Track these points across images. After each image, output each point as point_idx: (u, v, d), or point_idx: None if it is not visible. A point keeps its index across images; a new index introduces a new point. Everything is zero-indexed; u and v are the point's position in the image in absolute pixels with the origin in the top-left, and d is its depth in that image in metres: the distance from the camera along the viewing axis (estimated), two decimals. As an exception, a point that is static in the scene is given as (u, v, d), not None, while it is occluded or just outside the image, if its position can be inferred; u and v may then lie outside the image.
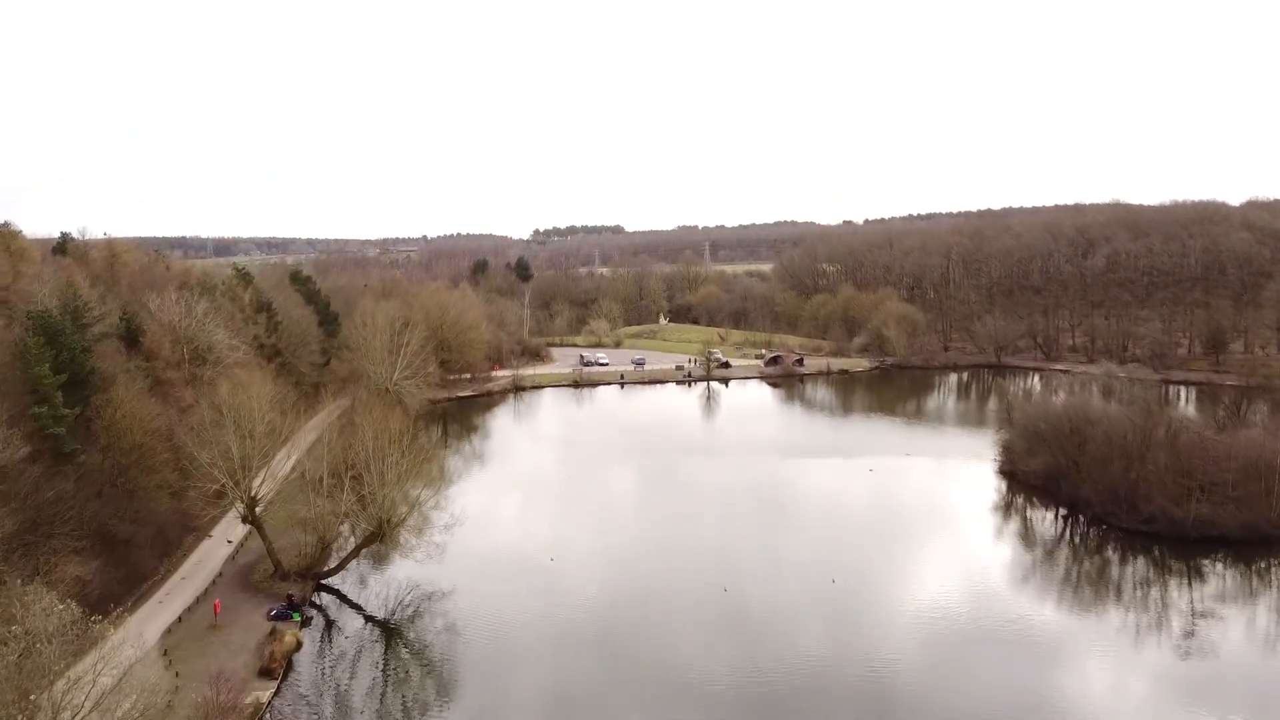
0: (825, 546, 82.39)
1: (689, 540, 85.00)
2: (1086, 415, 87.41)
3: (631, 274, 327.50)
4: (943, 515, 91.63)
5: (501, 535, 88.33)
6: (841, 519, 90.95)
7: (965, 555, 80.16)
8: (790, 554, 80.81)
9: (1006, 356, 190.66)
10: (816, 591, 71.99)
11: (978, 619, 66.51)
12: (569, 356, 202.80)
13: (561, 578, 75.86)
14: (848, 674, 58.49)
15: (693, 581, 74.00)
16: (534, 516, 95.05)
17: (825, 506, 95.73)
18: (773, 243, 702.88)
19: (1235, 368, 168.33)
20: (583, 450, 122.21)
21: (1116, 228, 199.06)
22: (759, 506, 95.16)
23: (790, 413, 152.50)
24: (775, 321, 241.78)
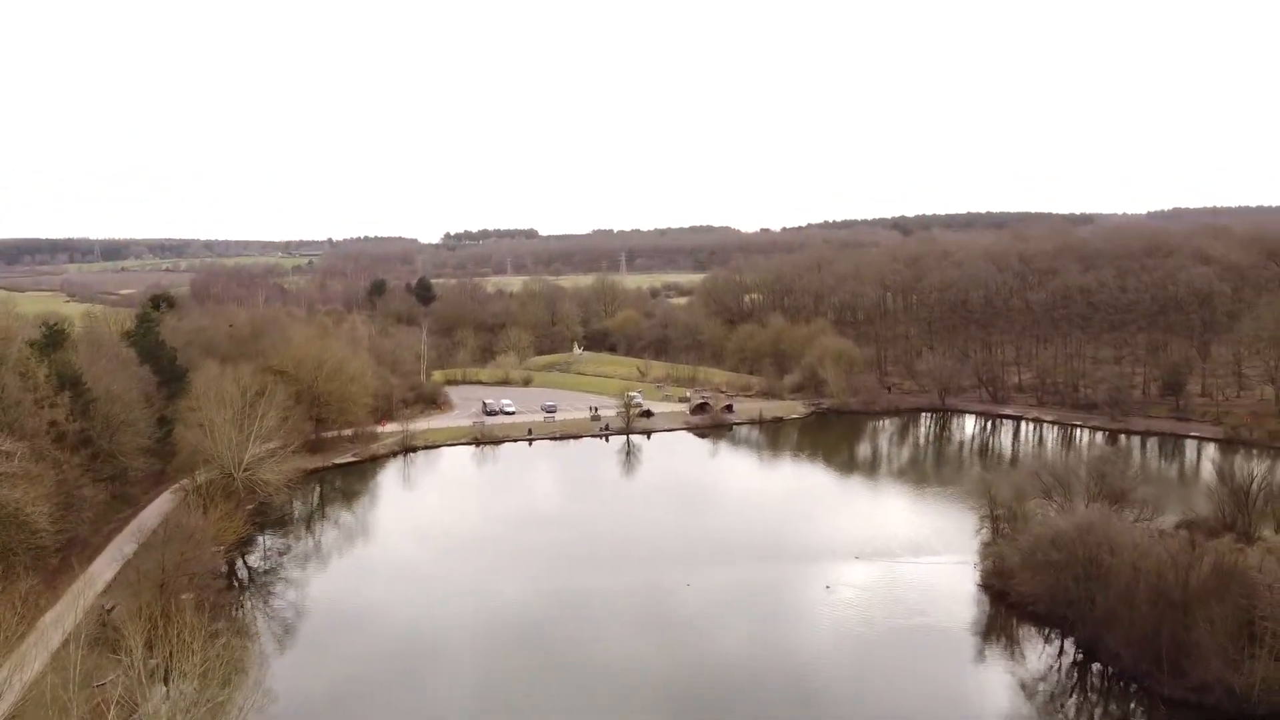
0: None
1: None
2: (1107, 541, 69.60)
3: (543, 291, 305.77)
4: (919, 673, 72.84)
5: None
6: (796, 673, 71.40)
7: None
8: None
9: (951, 398, 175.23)
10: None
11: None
12: (471, 400, 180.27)
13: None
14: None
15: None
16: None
17: (768, 660, 75.93)
18: (690, 250, 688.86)
19: (1197, 414, 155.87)
20: (457, 564, 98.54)
21: (1066, 258, 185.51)
22: (671, 692, 68.30)
23: (719, 481, 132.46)
24: (700, 352, 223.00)
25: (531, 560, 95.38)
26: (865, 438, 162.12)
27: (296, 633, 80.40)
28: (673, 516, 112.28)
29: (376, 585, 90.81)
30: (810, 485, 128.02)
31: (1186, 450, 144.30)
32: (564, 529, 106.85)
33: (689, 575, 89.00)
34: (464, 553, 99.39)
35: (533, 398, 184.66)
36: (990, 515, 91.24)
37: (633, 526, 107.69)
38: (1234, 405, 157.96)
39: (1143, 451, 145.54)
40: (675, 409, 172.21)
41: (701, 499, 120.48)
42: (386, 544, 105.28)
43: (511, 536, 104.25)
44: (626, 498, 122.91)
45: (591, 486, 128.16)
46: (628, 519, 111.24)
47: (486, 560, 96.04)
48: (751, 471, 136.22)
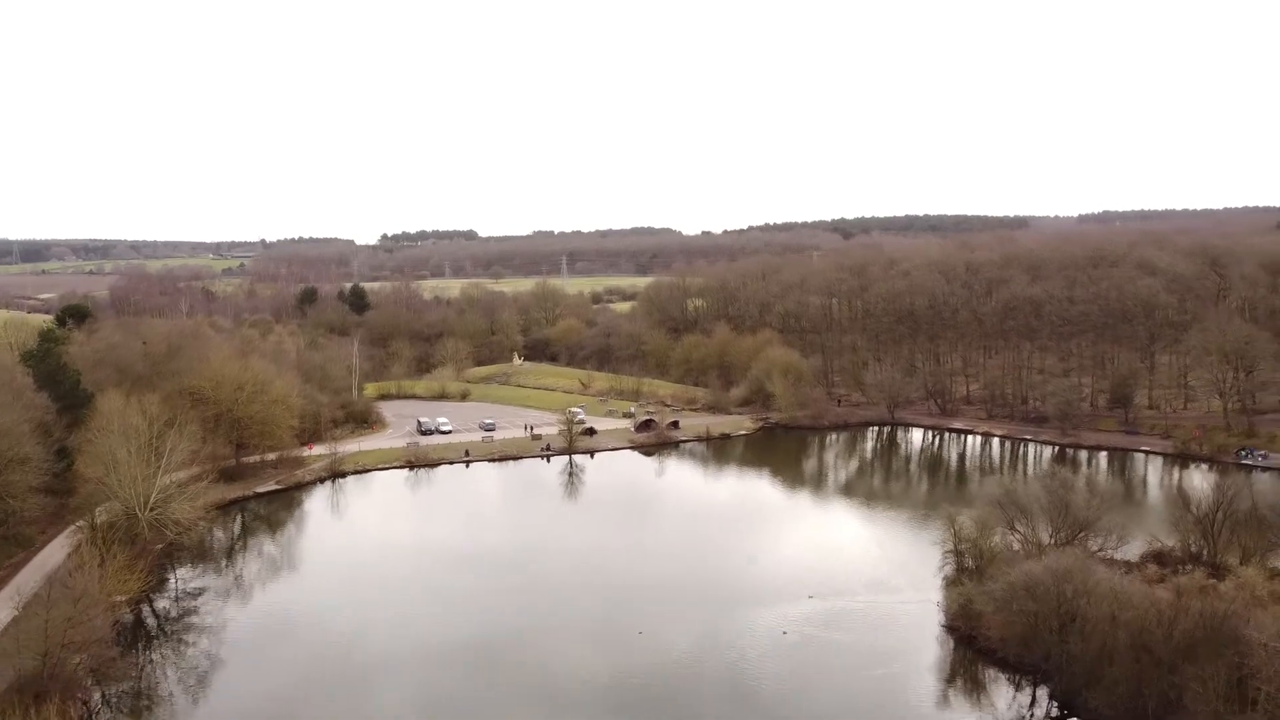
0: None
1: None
2: (1085, 590, 65.09)
3: (482, 298, 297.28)
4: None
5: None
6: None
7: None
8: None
9: (900, 410, 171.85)
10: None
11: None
12: (405, 417, 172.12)
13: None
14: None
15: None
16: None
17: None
18: (632, 253, 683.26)
19: (1146, 428, 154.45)
20: (387, 605, 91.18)
21: (1013, 268, 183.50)
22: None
23: (666, 506, 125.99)
24: (644, 363, 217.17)
25: (467, 603, 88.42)
26: (815, 455, 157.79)
27: (210, 686, 72.85)
28: (619, 549, 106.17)
29: (300, 630, 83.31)
30: (761, 511, 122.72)
31: (1139, 466, 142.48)
32: (502, 565, 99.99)
33: (638, 617, 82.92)
34: (396, 591, 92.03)
35: (470, 413, 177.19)
36: (954, 550, 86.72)
37: (577, 561, 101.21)
38: (1181, 418, 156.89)
39: (1091, 465, 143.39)
40: (619, 425, 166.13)
41: (648, 527, 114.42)
42: (311, 583, 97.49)
43: (446, 575, 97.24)
44: (570, 527, 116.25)
45: (532, 514, 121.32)
46: (572, 553, 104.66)
47: (419, 603, 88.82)
48: (700, 495, 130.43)
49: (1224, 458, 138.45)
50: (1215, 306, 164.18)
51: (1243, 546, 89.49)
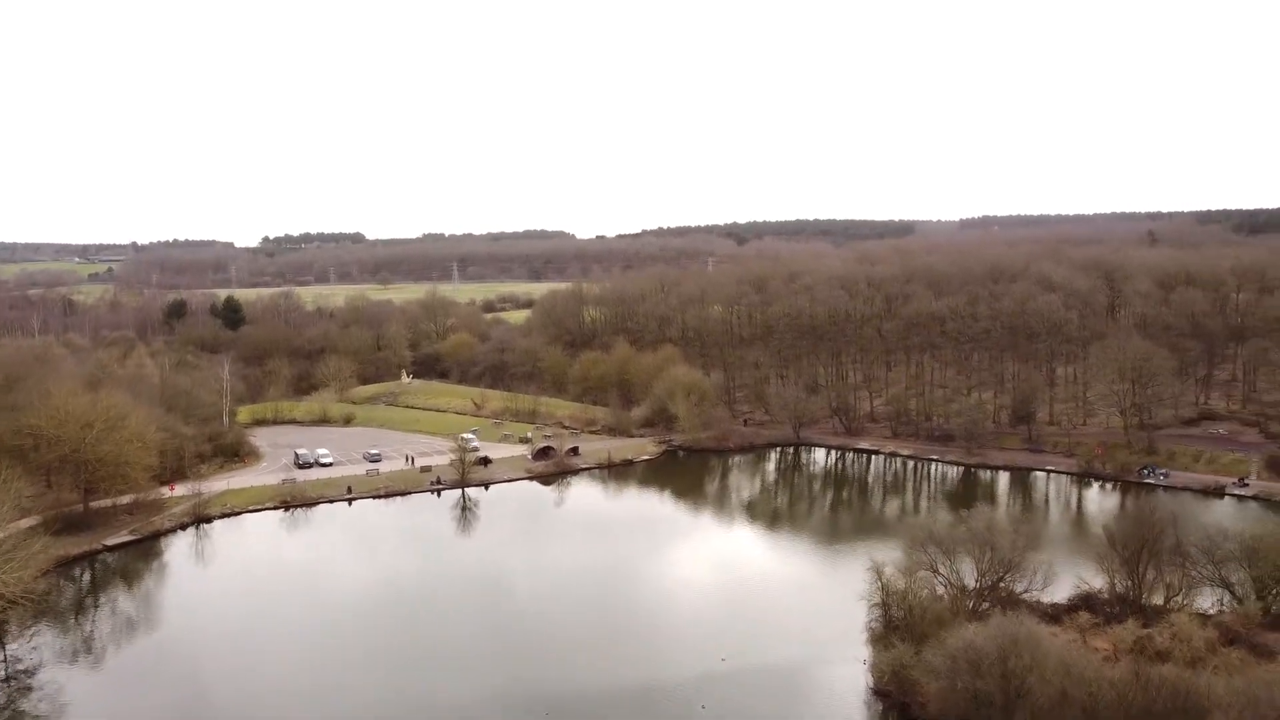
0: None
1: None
2: (1033, 662, 59.48)
3: (367, 310, 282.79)
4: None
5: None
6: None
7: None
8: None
9: (805, 429, 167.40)
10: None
11: None
12: (282, 448, 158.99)
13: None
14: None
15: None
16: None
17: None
18: (525, 258, 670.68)
19: (1049, 445, 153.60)
20: (250, 680, 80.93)
21: (916, 283, 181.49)
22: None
23: (565, 549, 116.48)
24: (540, 381, 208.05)
25: (346, 672, 78.20)
26: (720, 482, 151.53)
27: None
28: (516, 602, 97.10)
29: (154, 710, 72.07)
30: (667, 551, 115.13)
31: (1047, 487, 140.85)
32: (386, 623, 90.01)
33: (538, 698, 74.18)
34: (265, 658, 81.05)
35: (355, 441, 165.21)
36: (881, 603, 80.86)
37: (466, 623, 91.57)
38: (1083, 434, 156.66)
39: (1006, 491, 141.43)
40: (516, 452, 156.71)
41: (548, 574, 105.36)
42: (170, 650, 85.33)
43: (323, 636, 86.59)
44: (458, 576, 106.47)
45: (420, 561, 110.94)
46: (461, 611, 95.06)
47: (293, 674, 78.14)
48: (603, 534, 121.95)
49: (1127, 476, 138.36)
50: (1113, 322, 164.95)
51: (1167, 585, 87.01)
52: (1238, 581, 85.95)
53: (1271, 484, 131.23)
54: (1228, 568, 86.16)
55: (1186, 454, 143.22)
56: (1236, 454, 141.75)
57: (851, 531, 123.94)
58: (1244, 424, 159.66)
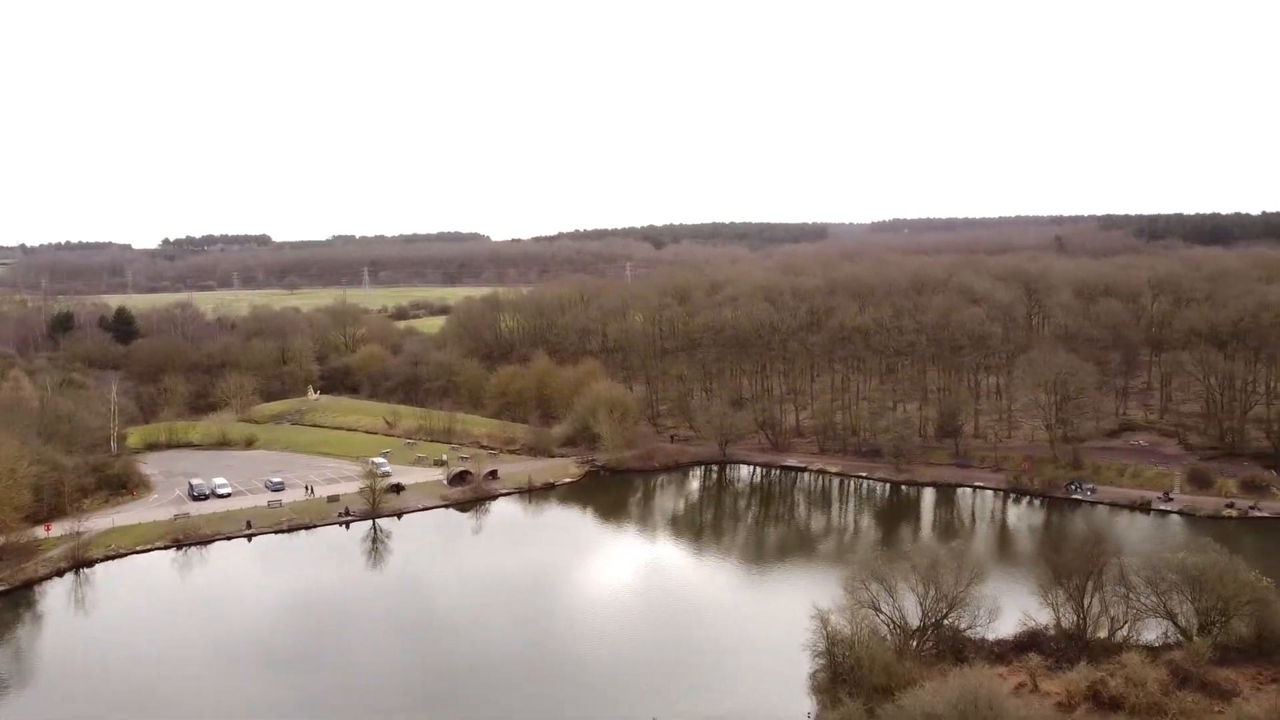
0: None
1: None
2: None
3: (272, 321, 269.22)
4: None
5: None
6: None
7: None
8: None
9: (732, 445, 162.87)
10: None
11: None
12: (176, 475, 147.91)
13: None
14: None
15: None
16: None
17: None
18: (439, 262, 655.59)
19: (976, 459, 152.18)
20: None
21: (840, 295, 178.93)
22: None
23: (483, 589, 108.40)
24: (456, 396, 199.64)
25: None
26: (646, 505, 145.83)
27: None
28: (427, 646, 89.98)
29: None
30: (594, 588, 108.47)
31: (978, 504, 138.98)
32: (282, 680, 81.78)
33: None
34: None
35: (257, 466, 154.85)
36: (826, 651, 76.13)
37: (378, 670, 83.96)
38: (1009, 448, 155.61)
39: (923, 500, 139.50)
40: (430, 477, 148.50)
41: (465, 618, 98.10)
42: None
43: (212, 691, 77.96)
44: (366, 617, 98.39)
45: (323, 605, 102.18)
46: (372, 656, 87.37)
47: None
48: (523, 567, 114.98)
49: (1055, 492, 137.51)
50: (1036, 334, 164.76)
51: (1111, 618, 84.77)
52: (1181, 613, 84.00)
53: (1194, 497, 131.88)
54: (1172, 598, 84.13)
55: (1111, 468, 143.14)
56: (1159, 467, 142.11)
57: (783, 557, 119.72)
58: (1163, 434, 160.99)
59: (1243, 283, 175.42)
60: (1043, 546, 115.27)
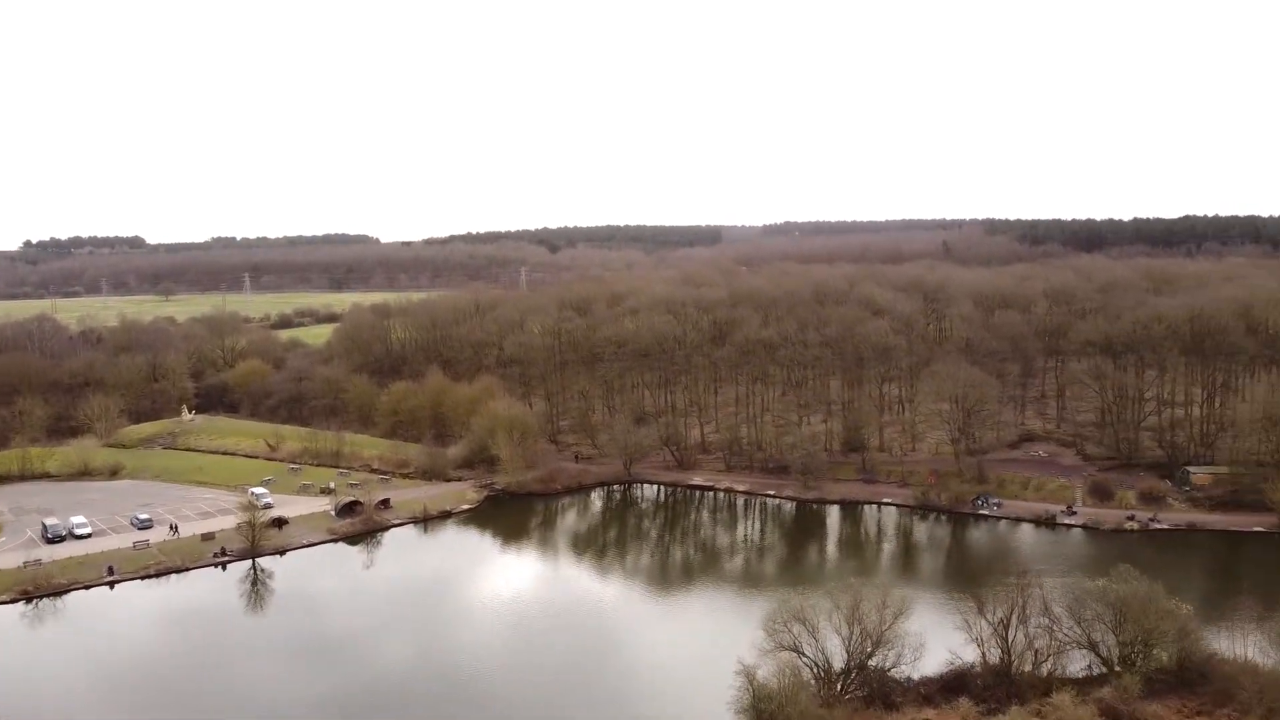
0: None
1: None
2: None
3: (141, 334, 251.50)
4: None
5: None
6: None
7: None
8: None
9: (637, 464, 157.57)
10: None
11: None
12: (28, 513, 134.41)
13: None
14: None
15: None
16: None
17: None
18: (325, 266, 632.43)
19: (883, 474, 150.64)
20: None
21: (744, 307, 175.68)
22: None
23: (375, 630, 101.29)
24: (344, 415, 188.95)
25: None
26: (549, 531, 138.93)
27: None
28: (316, 698, 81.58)
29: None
30: (499, 626, 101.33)
31: (888, 523, 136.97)
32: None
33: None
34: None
35: (122, 500, 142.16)
36: (751, 707, 71.25)
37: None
38: (914, 461, 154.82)
39: (832, 518, 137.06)
40: (317, 507, 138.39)
41: (352, 668, 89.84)
42: None
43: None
44: (243, 674, 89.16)
45: (194, 671, 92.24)
46: (252, 713, 78.69)
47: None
48: (420, 607, 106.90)
49: (962, 508, 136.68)
50: (939, 347, 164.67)
51: (1035, 651, 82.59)
52: (1104, 643, 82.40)
53: (1097, 510, 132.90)
54: (1095, 629, 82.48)
55: (1015, 481, 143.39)
56: (1061, 480, 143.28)
57: (691, 582, 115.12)
58: (1061, 445, 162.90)
59: (1133, 293, 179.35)
60: (961, 572, 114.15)
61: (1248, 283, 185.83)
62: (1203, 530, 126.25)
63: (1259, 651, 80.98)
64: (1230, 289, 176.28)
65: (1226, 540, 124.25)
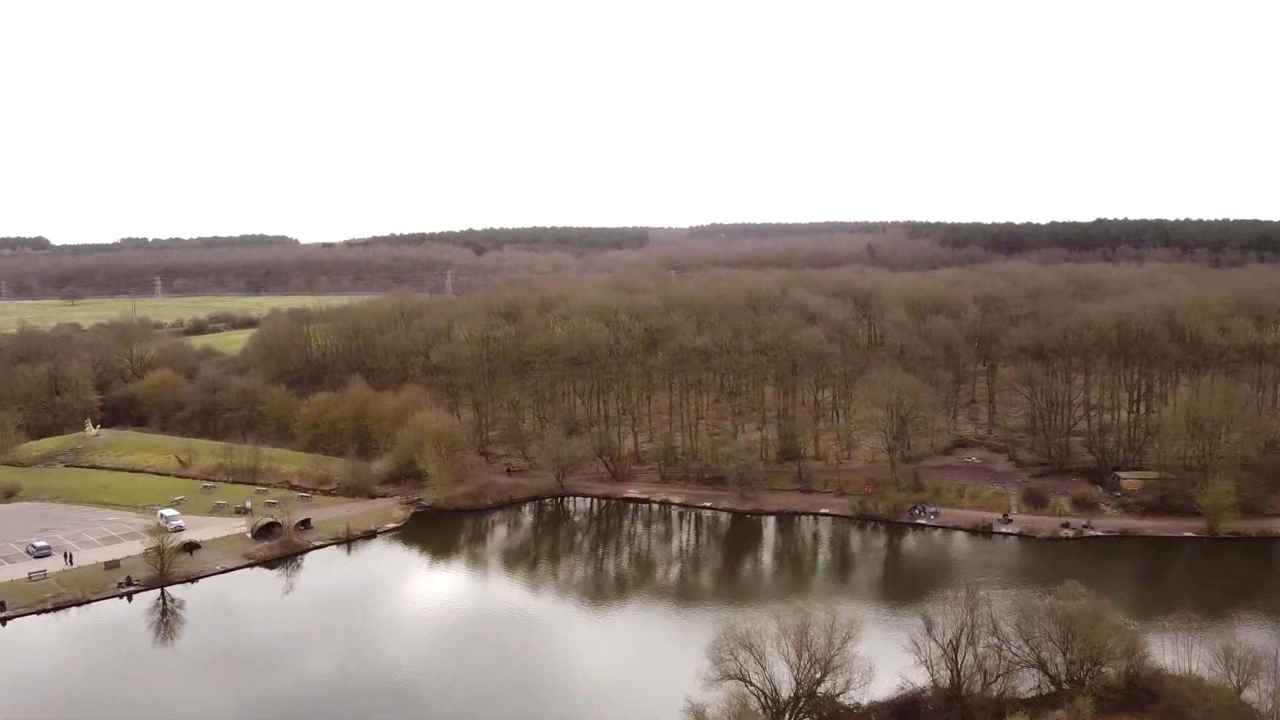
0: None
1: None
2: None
3: (41, 344, 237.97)
4: None
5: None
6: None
7: None
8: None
9: (570, 477, 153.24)
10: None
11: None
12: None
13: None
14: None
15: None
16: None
17: None
18: (242, 269, 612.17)
19: (819, 483, 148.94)
20: None
21: (678, 314, 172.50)
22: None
23: (292, 670, 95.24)
24: (262, 428, 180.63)
25: None
26: (479, 550, 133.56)
27: None
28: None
29: None
30: (417, 663, 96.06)
31: (826, 533, 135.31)
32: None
33: None
34: None
35: (17, 524, 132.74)
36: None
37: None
38: (850, 470, 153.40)
39: (771, 530, 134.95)
40: (232, 529, 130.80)
41: (271, 708, 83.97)
42: None
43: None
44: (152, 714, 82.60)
45: (88, 707, 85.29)
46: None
47: None
48: (343, 636, 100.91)
49: (900, 518, 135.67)
50: (873, 353, 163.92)
51: (984, 671, 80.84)
52: (1052, 661, 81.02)
53: (1032, 517, 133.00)
54: (1044, 648, 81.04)
55: (950, 489, 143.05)
56: (996, 487, 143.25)
57: (630, 603, 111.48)
58: (994, 450, 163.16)
59: (1060, 299, 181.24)
60: (904, 586, 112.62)
61: (1170, 287, 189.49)
62: (1135, 536, 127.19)
63: (1204, 666, 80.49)
64: (1153, 294, 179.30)
65: (1158, 546, 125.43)
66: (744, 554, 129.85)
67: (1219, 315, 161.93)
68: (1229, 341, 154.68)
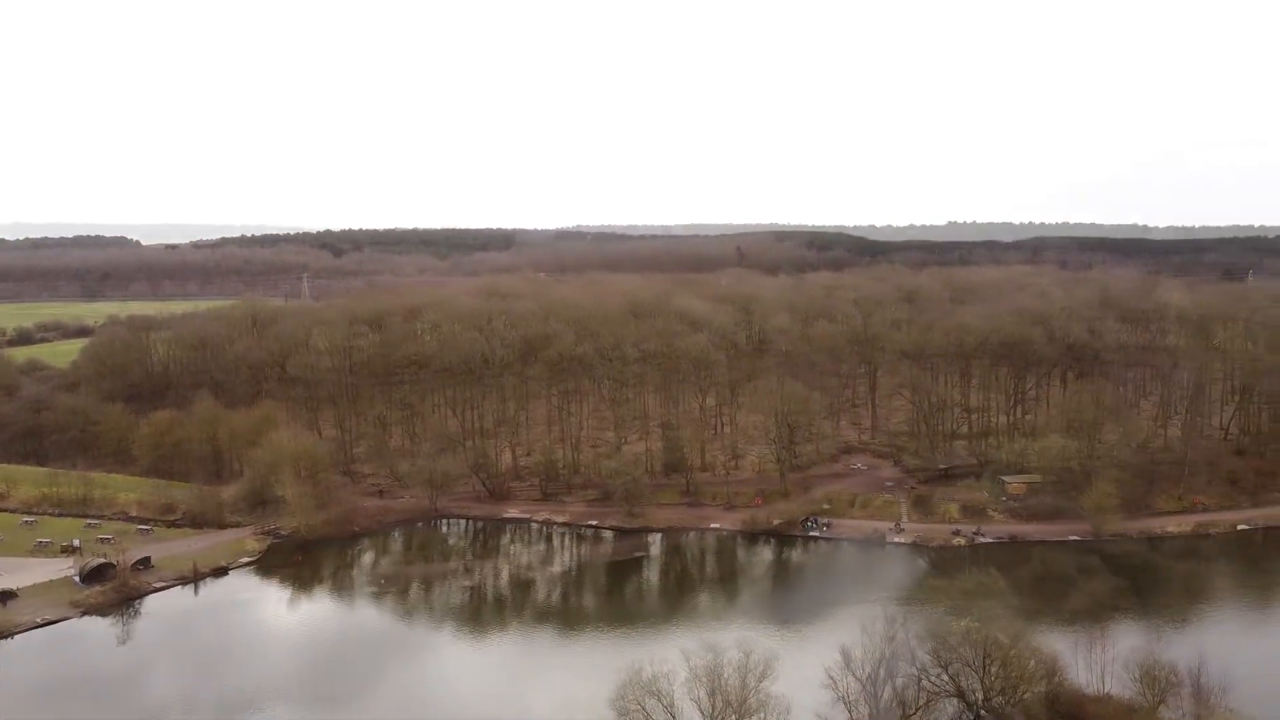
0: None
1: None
2: None
3: None
4: None
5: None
6: None
7: None
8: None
9: (445, 498, 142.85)
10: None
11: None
12: None
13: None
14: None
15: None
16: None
17: None
18: (77, 272, 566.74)
19: (708, 497, 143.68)
20: None
21: (555, 320, 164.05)
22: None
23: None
24: (96, 452, 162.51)
25: None
26: (342, 583, 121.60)
27: None
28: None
29: None
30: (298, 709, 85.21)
31: (719, 550, 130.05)
32: None
33: None
34: None
35: None
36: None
37: None
38: (736, 481, 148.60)
39: (657, 549, 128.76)
40: (56, 572, 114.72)
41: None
42: None
43: None
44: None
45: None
46: None
47: None
48: (186, 696, 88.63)
49: (792, 530, 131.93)
50: (759, 360, 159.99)
51: (904, 704, 76.32)
52: (970, 688, 77.12)
53: (922, 524, 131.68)
54: (962, 675, 77.08)
55: (842, 499, 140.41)
56: (886, 496, 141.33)
57: (505, 628, 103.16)
58: (878, 456, 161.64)
59: (937, 303, 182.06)
60: (805, 605, 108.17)
61: (1038, 287, 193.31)
62: (1023, 541, 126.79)
63: (1116, 682, 78.40)
64: (1024, 298, 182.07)
65: (1046, 550, 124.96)
66: (633, 575, 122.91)
67: (1088, 317, 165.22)
68: (1100, 343, 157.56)
